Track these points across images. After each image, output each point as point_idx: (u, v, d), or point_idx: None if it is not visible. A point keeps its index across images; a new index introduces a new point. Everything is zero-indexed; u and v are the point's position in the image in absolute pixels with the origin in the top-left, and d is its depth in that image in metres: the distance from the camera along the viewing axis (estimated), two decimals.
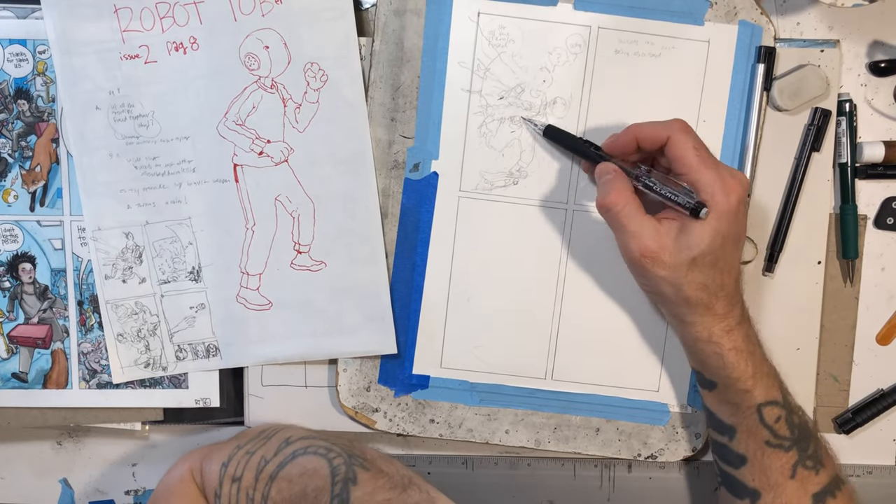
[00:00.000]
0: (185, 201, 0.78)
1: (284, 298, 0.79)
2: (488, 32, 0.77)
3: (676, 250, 0.69)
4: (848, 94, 0.80)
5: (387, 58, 0.78)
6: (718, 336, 0.71)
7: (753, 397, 0.72)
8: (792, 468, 0.72)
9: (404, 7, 0.77)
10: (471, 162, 0.79)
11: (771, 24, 0.78)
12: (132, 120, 0.77)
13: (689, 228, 0.69)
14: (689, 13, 0.77)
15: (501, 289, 0.80)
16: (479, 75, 0.78)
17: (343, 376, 0.81)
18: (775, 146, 0.79)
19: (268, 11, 0.76)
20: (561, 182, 0.79)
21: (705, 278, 0.69)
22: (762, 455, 0.73)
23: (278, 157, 0.78)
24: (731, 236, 0.69)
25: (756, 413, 0.72)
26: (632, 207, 0.70)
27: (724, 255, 0.69)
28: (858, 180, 0.81)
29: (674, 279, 0.69)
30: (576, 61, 0.78)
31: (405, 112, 0.78)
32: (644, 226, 0.69)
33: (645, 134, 0.72)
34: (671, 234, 0.69)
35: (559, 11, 0.78)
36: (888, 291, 0.82)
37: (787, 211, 0.80)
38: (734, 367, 0.71)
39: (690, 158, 0.69)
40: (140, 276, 0.79)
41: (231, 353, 0.80)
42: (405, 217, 0.79)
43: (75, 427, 0.83)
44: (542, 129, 0.78)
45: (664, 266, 0.69)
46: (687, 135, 0.70)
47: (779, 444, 0.72)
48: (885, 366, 0.83)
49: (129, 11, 0.76)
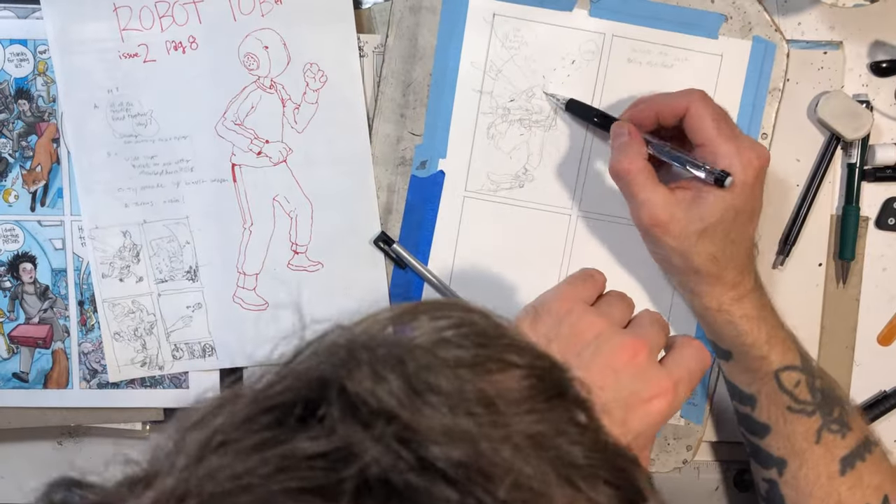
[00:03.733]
0: (182, 200, 0.78)
1: (281, 299, 0.79)
2: (502, 34, 0.77)
3: (687, 221, 0.67)
4: (866, 94, 0.79)
5: (399, 53, 0.78)
6: (728, 305, 0.70)
7: (770, 363, 0.71)
8: (816, 433, 0.71)
9: (420, 4, 0.77)
10: (478, 162, 0.79)
11: (784, 43, 0.77)
12: (131, 119, 0.77)
13: (703, 199, 0.67)
14: (704, 26, 0.77)
15: (502, 290, 0.80)
16: (490, 76, 0.78)
17: None
18: (774, 147, 0.79)
19: (267, 11, 0.76)
20: (566, 187, 0.79)
21: (715, 249, 0.68)
22: (785, 422, 0.71)
23: (277, 158, 0.78)
24: (746, 210, 0.68)
25: (774, 379, 0.71)
26: (644, 175, 0.68)
27: (736, 227, 0.68)
28: (863, 182, 0.80)
29: (683, 249, 0.68)
30: (588, 68, 0.78)
31: (415, 109, 0.78)
32: (655, 194, 0.68)
33: (663, 105, 0.70)
34: (683, 204, 0.68)
35: (574, 17, 0.77)
36: (889, 292, 0.82)
37: (803, 206, 0.80)
38: (747, 334, 0.70)
39: (708, 129, 0.67)
40: (137, 274, 0.79)
41: (227, 353, 0.80)
42: (409, 214, 0.79)
43: (76, 427, 0.83)
44: (564, 103, 0.77)
45: (673, 236, 0.68)
46: (706, 104, 0.69)
47: (801, 409, 0.71)
48: (886, 367, 0.82)
49: (128, 10, 0.76)
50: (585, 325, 0.58)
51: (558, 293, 0.60)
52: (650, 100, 0.72)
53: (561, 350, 0.57)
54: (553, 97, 0.78)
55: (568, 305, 0.59)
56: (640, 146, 0.70)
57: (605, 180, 0.79)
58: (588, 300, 0.61)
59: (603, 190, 0.79)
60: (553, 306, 0.59)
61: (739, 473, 0.84)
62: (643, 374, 0.56)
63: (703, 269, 0.69)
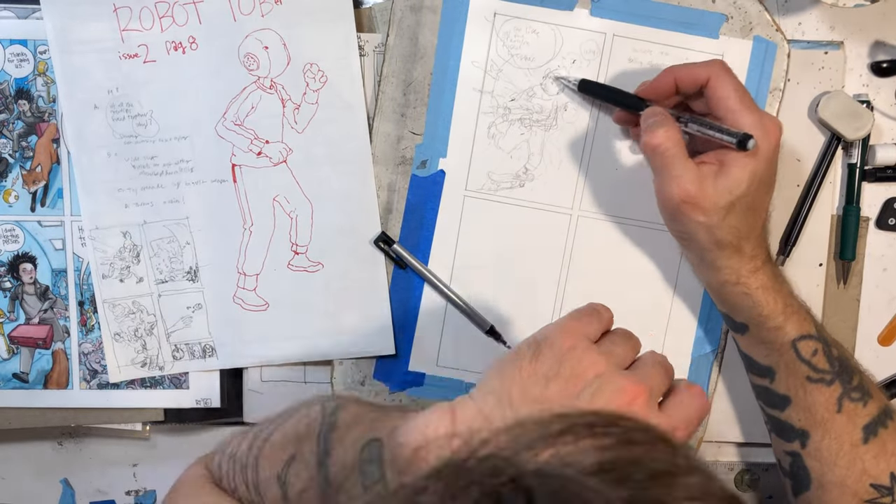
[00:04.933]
0: (182, 201, 0.78)
1: (281, 299, 0.79)
2: (503, 33, 0.77)
3: (716, 195, 0.68)
4: (866, 94, 0.79)
5: (400, 53, 0.78)
6: (746, 277, 0.70)
7: (786, 333, 0.71)
8: (837, 402, 0.70)
9: (421, 3, 0.77)
10: (478, 162, 0.79)
11: (785, 43, 0.77)
12: (131, 119, 0.77)
13: (728, 172, 0.68)
14: (706, 26, 0.77)
15: (503, 291, 0.80)
16: (491, 76, 0.78)
17: (338, 369, 0.80)
18: (785, 149, 0.79)
19: (267, 12, 0.76)
20: (567, 187, 0.79)
21: (738, 222, 0.69)
22: (805, 392, 0.71)
23: (277, 158, 0.78)
24: (766, 180, 0.69)
25: (792, 349, 0.71)
26: (679, 149, 0.68)
27: (758, 197, 0.69)
28: (864, 182, 0.80)
29: (711, 223, 0.68)
30: (589, 67, 0.78)
31: (415, 108, 0.78)
32: (687, 169, 0.68)
33: (684, 75, 0.71)
34: (710, 178, 0.68)
35: (575, 17, 0.77)
36: (890, 292, 0.82)
37: (804, 206, 0.80)
38: (764, 305, 0.70)
39: (731, 99, 0.68)
40: (137, 275, 0.79)
41: (227, 354, 0.80)
42: (410, 213, 0.79)
43: (76, 427, 0.83)
44: (576, 83, 0.77)
45: (703, 210, 0.68)
46: (728, 75, 0.69)
47: (820, 379, 0.71)
48: (887, 367, 0.82)
49: (128, 11, 0.76)
50: (587, 364, 0.57)
51: (562, 327, 0.59)
52: (670, 68, 0.72)
53: (560, 390, 0.56)
54: (564, 80, 0.78)
55: (571, 342, 0.58)
56: (674, 122, 0.70)
57: (606, 179, 0.79)
58: (593, 337, 0.60)
59: (604, 189, 0.79)
60: (556, 341, 0.58)
61: (741, 474, 0.84)
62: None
63: (727, 241, 0.69)
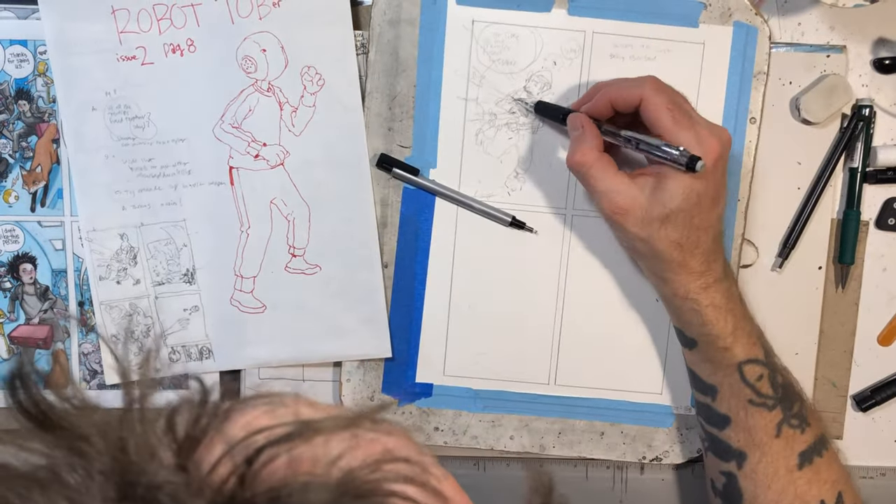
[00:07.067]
0: (180, 203, 0.78)
1: (278, 301, 0.79)
2: (483, 40, 0.77)
3: (649, 206, 0.67)
4: (870, 98, 0.79)
5: (382, 68, 0.78)
6: (695, 293, 0.70)
7: (734, 355, 0.71)
8: (777, 427, 0.71)
9: (398, 17, 0.77)
10: (469, 169, 0.79)
11: (766, 25, 0.77)
12: (128, 121, 0.77)
13: (665, 185, 0.67)
14: (684, 16, 0.77)
15: (502, 295, 0.80)
16: (474, 83, 0.78)
17: (347, 386, 0.80)
18: (776, 149, 0.79)
19: (265, 14, 0.76)
20: (559, 187, 0.79)
21: (679, 236, 0.68)
22: (746, 415, 0.71)
23: (274, 161, 0.78)
24: (709, 195, 0.68)
25: (737, 371, 0.71)
26: (600, 166, 0.69)
27: (700, 212, 0.68)
28: (864, 184, 0.80)
29: (646, 235, 0.68)
30: (571, 66, 0.77)
31: (402, 122, 0.78)
32: (615, 183, 0.68)
33: (617, 96, 0.70)
34: (645, 190, 0.68)
35: (553, 17, 0.77)
36: (889, 292, 0.81)
37: (805, 209, 0.79)
38: (713, 324, 0.70)
39: (664, 120, 0.67)
40: (134, 277, 0.79)
41: (224, 356, 0.80)
42: (405, 226, 0.79)
43: None
44: (532, 105, 0.77)
45: (636, 222, 0.68)
46: (659, 94, 0.68)
47: (762, 403, 0.71)
48: (886, 367, 0.82)
49: (126, 13, 0.76)
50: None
51: None
52: (604, 90, 0.71)
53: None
54: (521, 102, 0.78)
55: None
56: (593, 138, 0.70)
57: None
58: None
59: None
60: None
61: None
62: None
63: (667, 254, 0.69)
